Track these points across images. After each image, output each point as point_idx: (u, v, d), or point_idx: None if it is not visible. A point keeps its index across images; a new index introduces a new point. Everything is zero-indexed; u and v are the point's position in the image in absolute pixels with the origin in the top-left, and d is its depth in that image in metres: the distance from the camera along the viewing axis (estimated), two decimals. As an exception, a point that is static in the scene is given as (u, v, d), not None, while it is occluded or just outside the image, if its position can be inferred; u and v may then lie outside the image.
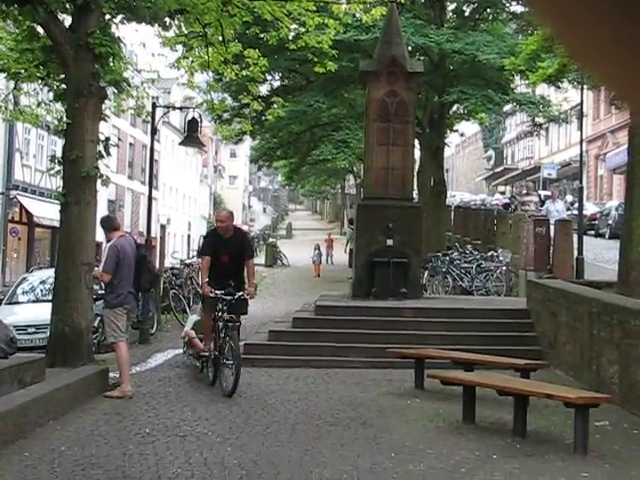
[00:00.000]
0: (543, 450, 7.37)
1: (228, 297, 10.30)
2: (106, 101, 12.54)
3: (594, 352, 10.43)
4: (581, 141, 23.85)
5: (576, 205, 25.63)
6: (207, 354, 10.74)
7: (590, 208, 32.71)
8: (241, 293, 10.45)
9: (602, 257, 24.13)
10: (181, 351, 13.97)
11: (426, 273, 19.40)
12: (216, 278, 10.55)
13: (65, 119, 11.90)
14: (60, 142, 13.07)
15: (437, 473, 6.57)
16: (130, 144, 46.45)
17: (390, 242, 14.71)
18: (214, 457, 6.97)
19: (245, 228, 67.86)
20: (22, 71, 13.05)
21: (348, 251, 29.75)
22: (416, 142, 21.14)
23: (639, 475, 6.65)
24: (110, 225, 10.46)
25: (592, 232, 30.21)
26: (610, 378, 9.81)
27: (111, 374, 10.41)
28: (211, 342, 10.56)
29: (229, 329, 10.06)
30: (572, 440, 7.37)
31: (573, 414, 7.38)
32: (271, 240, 44.70)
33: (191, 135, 16.34)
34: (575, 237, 19.72)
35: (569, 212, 26.79)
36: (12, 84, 13.90)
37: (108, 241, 10.34)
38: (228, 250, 10.64)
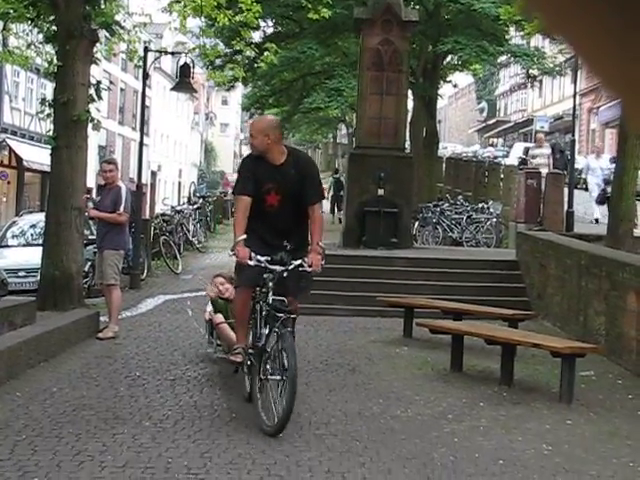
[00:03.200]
0: (529, 398, 7.47)
1: (278, 267, 6.58)
2: (97, 44, 12.40)
3: (582, 303, 10.52)
4: (575, 94, 23.74)
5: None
6: (239, 357, 6.88)
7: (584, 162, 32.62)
8: (299, 262, 6.61)
9: (593, 211, 24.20)
10: (171, 297, 14.03)
11: (416, 223, 19.45)
12: (258, 235, 6.70)
13: (55, 62, 11.77)
14: (50, 85, 12.98)
15: (424, 419, 6.66)
16: (121, 89, 46.06)
17: (381, 192, 14.71)
18: (204, 400, 7.05)
19: (235, 177, 67.75)
20: (11, 11, 12.84)
21: (330, 198, 30.35)
22: (409, 92, 21.02)
23: (622, 423, 6.75)
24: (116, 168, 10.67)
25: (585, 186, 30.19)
26: (597, 329, 9.91)
27: (101, 318, 10.45)
28: (247, 338, 6.95)
29: (277, 323, 6.33)
30: (558, 389, 7.48)
31: (559, 364, 7.47)
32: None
33: (183, 80, 16.19)
34: (566, 190, 19.75)
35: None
36: (0, 24, 13.71)
37: (110, 182, 10.38)
38: (279, 186, 6.76)
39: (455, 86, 40.30)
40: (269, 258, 6.54)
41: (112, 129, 43.99)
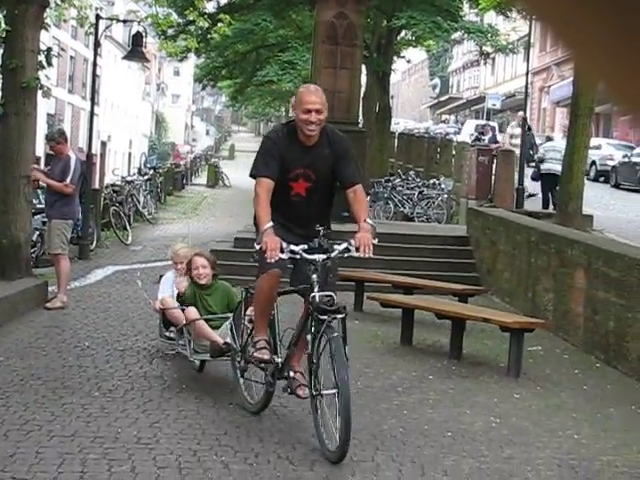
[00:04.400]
0: (478, 372, 7.56)
1: (318, 256, 5.42)
2: (47, 9, 12.14)
3: (531, 280, 10.66)
4: (527, 72, 23.90)
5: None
6: (266, 353, 5.72)
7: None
8: (344, 245, 5.51)
9: (535, 189, 24.46)
10: (121, 268, 13.90)
11: (368, 198, 19.46)
12: (284, 222, 5.64)
13: (4, 26, 11.50)
14: (-1, 51, 12.68)
15: (374, 391, 6.71)
16: (71, 57, 45.26)
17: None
18: (154, 371, 7.01)
19: (186, 149, 66.91)
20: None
21: None
22: (363, 67, 20.99)
23: (568, 397, 6.87)
24: (65, 138, 10.49)
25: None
26: (545, 305, 10.05)
27: (50, 288, 10.32)
28: (264, 332, 5.83)
29: (324, 326, 5.28)
30: (506, 363, 7.58)
31: (508, 338, 7.57)
32: (213, 160, 44.29)
33: (136, 49, 15.97)
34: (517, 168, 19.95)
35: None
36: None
37: (57, 154, 10.27)
38: (309, 172, 5.68)
39: (409, 62, 40.40)
40: (305, 246, 5.32)
41: (61, 97, 43.24)
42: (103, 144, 49.69)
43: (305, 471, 4.92)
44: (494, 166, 19.77)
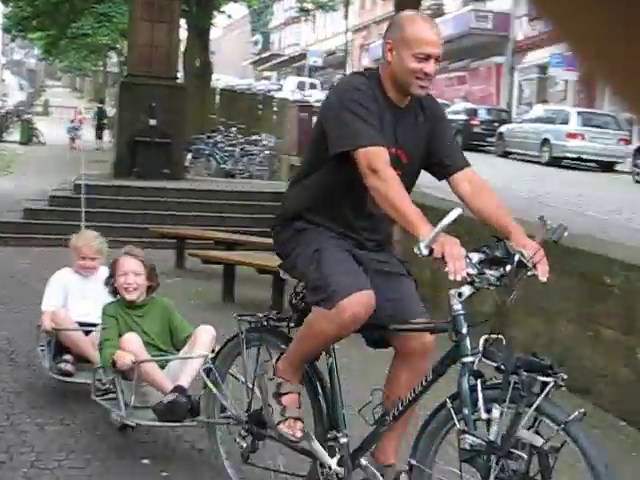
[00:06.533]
0: (298, 325, 7.67)
1: (497, 273, 3.21)
2: None
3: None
4: (346, 30, 24.22)
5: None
6: (298, 429, 3.63)
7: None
8: (517, 258, 3.17)
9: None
10: None
11: (189, 155, 19.26)
12: (344, 231, 3.59)
13: None
14: None
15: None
16: None
17: (153, 122, 14.42)
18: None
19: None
20: None
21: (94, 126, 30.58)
22: (182, 21, 20.61)
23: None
24: None
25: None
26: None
27: None
28: (297, 379, 3.69)
29: (548, 407, 3.05)
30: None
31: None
32: (27, 116, 42.45)
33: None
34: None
35: None
36: None
37: None
38: (400, 150, 3.55)
39: (229, 17, 39.97)
40: (482, 256, 3.19)
41: None
42: None
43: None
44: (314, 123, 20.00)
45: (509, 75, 37.20)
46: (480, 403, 3.11)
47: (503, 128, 26.64)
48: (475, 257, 3.19)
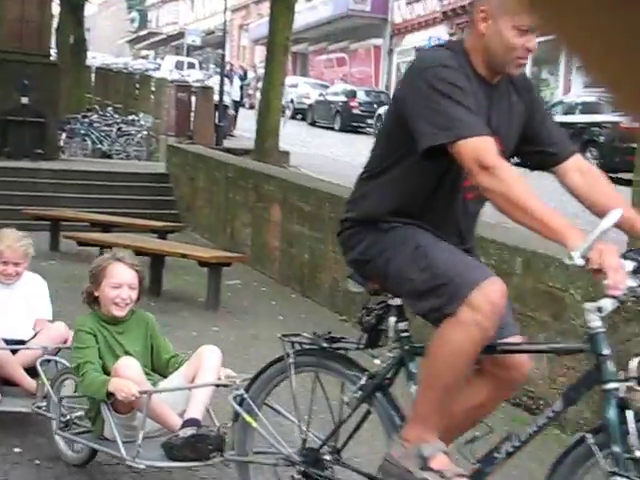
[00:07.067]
0: (177, 307, 7.59)
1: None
2: None
3: (229, 215, 10.83)
4: (225, 10, 24.00)
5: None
6: None
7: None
8: None
9: (241, 126, 24.89)
10: None
11: (64, 135, 18.73)
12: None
13: None
14: None
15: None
16: None
17: (25, 100, 13.94)
18: None
19: None
20: None
21: None
22: (55, -5, 19.95)
23: (264, 327, 7.09)
24: None
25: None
26: (243, 240, 10.27)
27: None
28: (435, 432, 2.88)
29: None
30: (205, 298, 7.68)
31: (207, 273, 7.66)
32: None
33: None
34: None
35: None
36: None
37: None
38: (495, 138, 2.76)
39: (104, -7, 39.02)
40: (635, 264, 2.70)
41: None
42: None
43: None
44: (193, 103, 19.77)
45: (387, 57, 37.67)
46: (633, 439, 2.58)
47: (382, 110, 26.97)
48: (630, 265, 2.67)
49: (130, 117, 21.38)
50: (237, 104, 26.53)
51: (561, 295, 5.26)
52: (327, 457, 3.28)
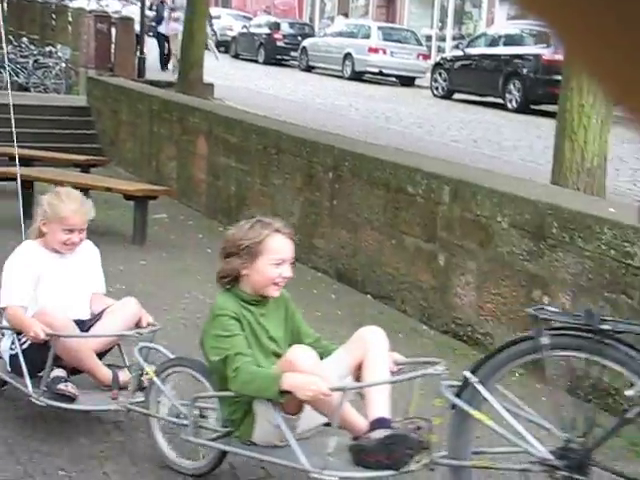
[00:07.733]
0: (103, 242, 7.36)
1: None
2: None
3: (154, 149, 10.64)
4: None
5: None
6: None
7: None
8: None
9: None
10: None
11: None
12: None
13: None
14: None
15: None
16: None
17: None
18: None
19: None
20: None
21: None
22: None
23: (192, 260, 7.04)
24: None
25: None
26: (169, 173, 10.12)
27: None
28: None
29: None
30: (131, 232, 7.56)
31: (133, 207, 7.54)
32: None
33: None
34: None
35: None
36: None
37: None
38: None
39: None
40: None
41: None
42: None
43: None
44: (114, 34, 19.24)
45: (311, -11, 37.17)
46: None
47: (306, 42, 26.70)
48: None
49: (47, 49, 20.73)
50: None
51: (488, 223, 5.32)
52: (590, 460, 2.73)
